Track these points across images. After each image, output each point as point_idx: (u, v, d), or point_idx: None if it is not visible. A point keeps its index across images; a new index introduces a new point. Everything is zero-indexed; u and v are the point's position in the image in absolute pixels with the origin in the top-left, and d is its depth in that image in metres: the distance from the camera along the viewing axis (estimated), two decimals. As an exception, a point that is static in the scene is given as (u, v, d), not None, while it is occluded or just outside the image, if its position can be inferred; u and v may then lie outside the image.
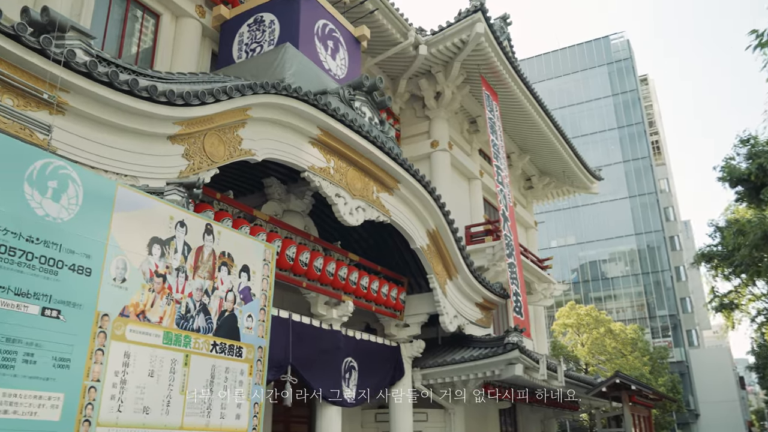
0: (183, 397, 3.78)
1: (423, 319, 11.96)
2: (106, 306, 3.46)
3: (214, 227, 4.34)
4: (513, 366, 11.34)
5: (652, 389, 17.20)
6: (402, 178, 10.22)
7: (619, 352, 29.94)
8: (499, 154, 15.50)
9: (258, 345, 4.72)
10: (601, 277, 58.30)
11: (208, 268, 4.19)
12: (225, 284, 4.38)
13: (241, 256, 4.57)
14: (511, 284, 13.77)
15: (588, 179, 24.01)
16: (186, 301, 3.97)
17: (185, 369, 3.86)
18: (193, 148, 6.58)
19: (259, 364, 4.66)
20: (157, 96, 5.86)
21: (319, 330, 9.73)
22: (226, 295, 4.38)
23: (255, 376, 4.52)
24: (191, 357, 3.93)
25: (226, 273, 4.40)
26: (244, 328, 4.51)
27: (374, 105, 9.91)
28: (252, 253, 4.67)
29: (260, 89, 7.16)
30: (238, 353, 4.38)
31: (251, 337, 4.61)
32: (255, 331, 4.66)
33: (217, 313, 4.24)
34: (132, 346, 3.54)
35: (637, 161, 58.95)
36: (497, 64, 15.38)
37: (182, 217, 4.09)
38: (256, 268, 4.73)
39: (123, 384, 3.48)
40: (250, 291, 4.65)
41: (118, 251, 3.53)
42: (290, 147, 8.07)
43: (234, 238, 4.55)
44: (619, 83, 61.56)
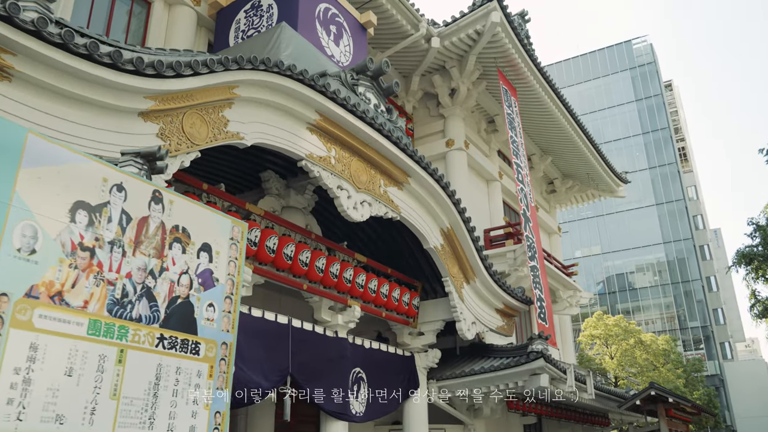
0: (115, 404, 2.98)
1: (438, 326, 11.07)
2: (5, 283, 2.68)
3: (165, 195, 3.56)
4: (537, 377, 10.37)
5: (691, 402, 15.98)
6: (412, 171, 9.40)
7: (651, 364, 28.46)
8: (518, 151, 14.60)
9: (222, 341, 3.90)
10: (628, 288, 56.46)
11: (155, 244, 3.41)
12: (178, 265, 3.58)
13: (201, 233, 3.78)
14: (534, 289, 12.80)
15: (614, 182, 22.94)
16: (122, 283, 3.18)
17: (119, 368, 3.05)
18: (170, 127, 5.85)
19: (223, 364, 3.84)
20: (123, 63, 5.14)
21: (323, 337, 8.89)
22: (179, 278, 3.59)
23: (217, 378, 3.70)
24: (128, 353, 3.12)
25: (180, 251, 3.60)
26: (203, 320, 3.70)
27: (380, 91, 9.13)
28: (215, 229, 3.88)
29: (248, 64, 6.42)
30: (194, 350, 3.57)
31: (212, 331, 3.79)
32: (218, 324, 3.84)
33: (166, 299, 3.44)
34: (42, 336, 2.75)
35: (663, 167, 57.24)
36: (515, 56, 14.55)
37: (120, 179, 3.32)
38: (221, 247, 3.93)
39: (27, 385, 2.69)
40: (212, 275, 3.85)
41: (26, 214, 2.76)
42: (285, 132, 7.31)
43: (192, 210, 3.76)
44: (642, 88, 60.08)
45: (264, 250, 7.68)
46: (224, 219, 4.05)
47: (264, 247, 7.68)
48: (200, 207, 3.94)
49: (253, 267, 7.61)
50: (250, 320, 7.68)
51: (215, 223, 3.93)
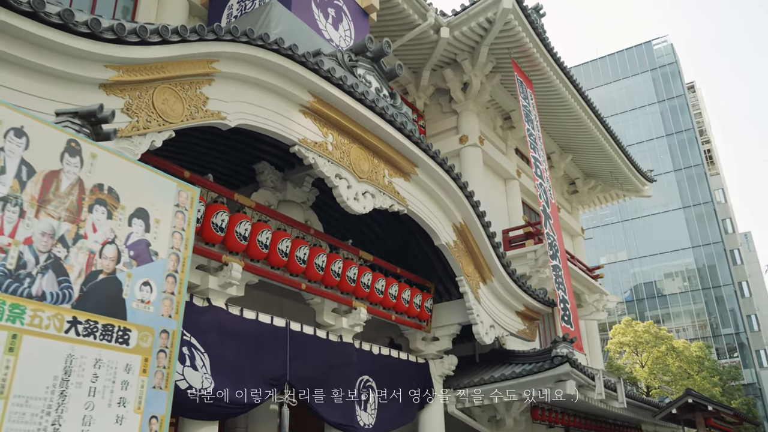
0: (2, 404, 2.30)
1: (454, 330, 10.27)
2: None
3: (85, 147, 2.90)
4: (563, 383, 9.49)
5: (732, 410, 14.84)
6: (419, 160, 8.69)
7: (684, 372, 27.06)
8: (536, 145, 13.79)
9: (162, 328, 3.19)
10: (656, 295, 54.64)
11: (69, 205, 2.75)
12: (100, 232, 2.90)
13: (135, 196, 3.10)
14: (557, 290, 11.93)
15: (639, 180, 21.91)
16: (18, 251, 2.50)
17: (9, 357, 2.38)
18: (138, 103, 5.23)
19: (162, 357, 3.15)
20: (75, 25, 4.53)
21: (326, 342, 8.16)
22: (102, 248, 2.90)
23: (154, 374, 3.00)
24: (23, 339, 2.45)
25: (104, 216, 2.93)
26: (136, 302, 3.00)
27: (382, 75, 8.46)
28: (154, 193, 3.21)
29: (227, 35, 5.79)
30: (121, 338, 2.87)
31: (148, 316, 3.08)
32: (156, 308, 3.14)
33: (83, 273, 2.76)
34: None
35: (689, 169, 55.56)
36: (529, 45, 13.80)
37: (19, 122, 2.67)
38: (162, 215, 3.25)
39: None
40: (149, 247, 3.16)
41: None
42: (275, 114, 6.66)
43: (123, 167, 3.09)
44: (664, 89, 58.60)
45: (255, 245, 7.02)
46: (167, 181, 3.38)
47: (255, 241, 7.02)
48: (134, 164, 3.27)
49: (243, 263, 6.94)
50: (242, 323, 7.00)
51: (154, 186, 3.26)
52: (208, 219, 6.55)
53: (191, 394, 5.92)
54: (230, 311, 6.88)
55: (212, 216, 6.57)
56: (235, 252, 6.93)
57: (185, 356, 5.96)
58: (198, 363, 6.21)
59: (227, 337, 6.72)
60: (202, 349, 6.40)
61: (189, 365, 5.96)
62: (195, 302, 6.50)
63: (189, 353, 6.07)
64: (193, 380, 5.96)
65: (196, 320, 6.41)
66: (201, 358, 6.33)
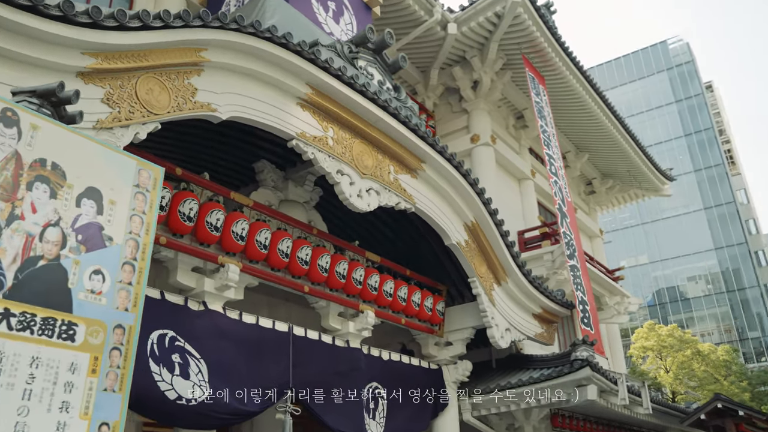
0: None
1: (468, 334, 9.82)
2: None
3: (24, 117, 2.57)
4: (584, 388, 9.00)
5: (766, 415, 14.13)
6: (427, 156, 8.31)
7: (711, 376, 26.16)
8: (550, 141, 13.34)
9: (116, 323, 2.82)
10: (680, 298, 53.40)
11: (2, 181, 2.42)
12: (41, 213, 2.56)
13: (85, 173, 2.75)
14: (576, 291, 11.43)
15: (658, 179, 21.29)
16: (-65, 231, 2.19)
17: None
18: (120, 92, 4.93)
19: (116, 356, 2.76)
20: (46, 7, 4.24)
21: (332, 347, 7.77)
22: (43, 231, 2.56)
23: (105, 375, 2.64)
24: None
25: (46, 195, 2.58)
26: (84, 292, 2.64)
27: (385, 67, 8.12)
28: (109, 171, 2.86)
29: (214, 21, 5.49)
30: (64, 334, 2.50)
31: (99, 309, 2.71)
32: (109, 299, 2.78)
33: (18, 259, 2.41)
34: None
35: (709, 169, 54.40)
36: (540, 40, 13.38)
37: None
38: (119, 196, 2.89)
39: None
40: (102, 232, 2.81)
41: None
42: (270, 107, 6.34)
43: (71, 142, 2.75)
44: (682, 88, 57.59)
45: (254, 245, 6.67)
46: (125, 159, 3.05)
47: (254, 241, 6.67)
48: (86, 140, 2.94)
49: (241, 265, 6.60)
50: (242, 327, 6.65)
51: (110, 164, 2.92)
52: (203, 218, 6.23)
53: (182, 404, 5.57)
54: (228, 315, 6.54)
55: (207, 215, 6.25)
56: (232, 253, 6.60)
57: (174, 364, 5.61)
58: (192, 370, 5.87)
59: (225, 342, 6.37)
60: (198, 355, 6.06)
61: (178, 374, 5.61)
62: (190, 306, 6.17)
63: (180, 361, 5.73)
64: (183, 389, 5.60)
65: (191, 325, 6.08)
66: (196, 364, 5.98)
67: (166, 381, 5.48)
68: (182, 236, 6.18)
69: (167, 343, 5.70)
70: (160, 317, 5.71)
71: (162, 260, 6.30)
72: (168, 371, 5.54)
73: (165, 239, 5.97)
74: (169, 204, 5.94)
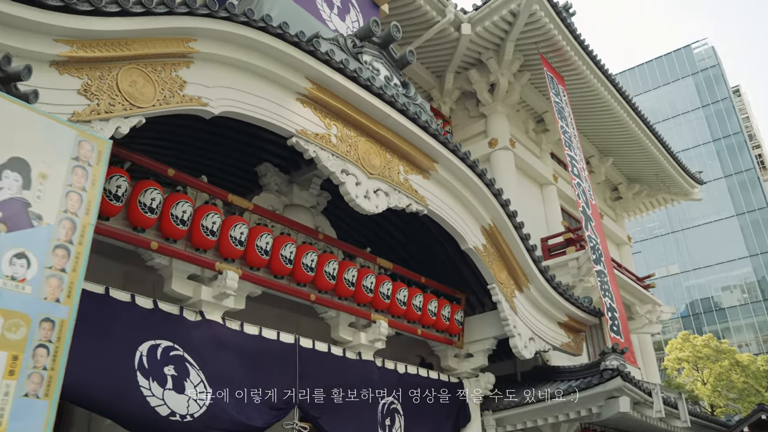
0: None
1: (489, 345, 9.28)
2: None
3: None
4: (616, 400, 8.37)
5: (814, 428, 13.17)
6: (439, 155, 7.87)
7: (752, 388, 24.88)
8: (571, 143, 12.78)
9: (43, 316, 2.39)
10: (714, 308, 51.53)
11: None
12: (-51, 188, 2.20)
13: (8, 142, 2.37)
14: (604, 297, 10.79)
15: (687, 183, 20.48)
16: None
17: None
18: (99, 84, 4.60)
19: (42, 355, 2.34)
20: (11, -11, 3.93)
21: (342, 360, 7.31)
22: (-49, 210, 2.19)
23: (26, 378, 2.22)
24: None
25: (-45, 166, 2.22)
26: (3, 279, 2.26)
27: (392, 62, 7.72)
28: (41, 141, 2.48)
29: (202, 9, 5.15)
30: (-27, 329, 2.13)
31: (21, 298, 2.29)
32: (35, 288, 2.36)
33: None
34: None
35: (740, 175, 52.68)
36: (558, 38, 12.90)
37: None
38: (52, 170, 2.50)
39: None
40: (28, 209, 2.41)
41: None
42: (267, 102, 5.97)
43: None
44: (708, 93, 56.16)
45: (254, 251, 6.28)
46: (63, 127, 2.68)
47: (254, 246, 6.27)
48: (12, 103, 2.55)
49: (241, 272, 6.19)
50: (243, 338, 6.24)
51: (43, 132, 2.54)
52: (198, 222, 5.86)
53: (176, 420, 5.15)
54: (228, 325, 6.13)
55: (202, 218, 5.88)
56: (231, 259, 6.21)
57: (167, 377, 5.21)
58: (188, 384, 5.46)
59: (225, 354, 5.96)
60: (198, 366, 5.66)
61: (170, 388, 5.20)
62: (186, 316, 5.78)
63: (175, 373, 5.32)
64: (176, 405, 5.19)
65: (188, 336, 5.68)
66: (195, 376, 5.57)
67: (157, 396, 5.08)
68: (175, 241, 5.81)
69: (159, 355, 5.31)
70: (151, 327, 5.34)
71: (156, 268, 5.93)
72: (159, 385, 5.14)
73: (157, 244, 5.61)
74: (161, 207, 5.59)
